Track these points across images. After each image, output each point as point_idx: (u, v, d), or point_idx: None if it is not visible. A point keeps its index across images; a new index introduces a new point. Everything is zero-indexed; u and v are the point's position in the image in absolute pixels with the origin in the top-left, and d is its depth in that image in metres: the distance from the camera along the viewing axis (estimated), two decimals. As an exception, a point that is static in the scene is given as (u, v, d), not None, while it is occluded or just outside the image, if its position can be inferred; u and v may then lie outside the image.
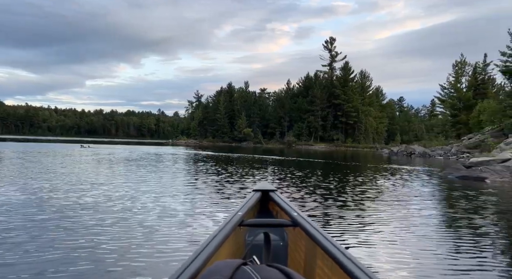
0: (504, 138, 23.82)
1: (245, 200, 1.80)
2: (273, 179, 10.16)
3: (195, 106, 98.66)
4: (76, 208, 5.30)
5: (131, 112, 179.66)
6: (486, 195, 7.98)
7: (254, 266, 0.76)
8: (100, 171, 11.04)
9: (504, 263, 3.45)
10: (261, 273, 0.72)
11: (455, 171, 11.38)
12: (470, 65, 49.87)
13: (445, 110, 49.80)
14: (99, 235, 3.90)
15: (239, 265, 0.75)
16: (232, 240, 1.49)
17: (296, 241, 1.71)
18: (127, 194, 6.69)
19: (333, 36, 74.12)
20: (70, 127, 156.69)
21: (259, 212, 1.96)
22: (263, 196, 1.93)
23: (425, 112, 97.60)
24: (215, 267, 0.76)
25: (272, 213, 1.95)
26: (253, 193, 1.90)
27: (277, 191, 1.93)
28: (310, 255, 1.51)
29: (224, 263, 0.77)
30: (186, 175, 10.91)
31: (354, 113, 68.11)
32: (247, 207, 1.66)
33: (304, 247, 1.60)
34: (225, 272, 0.71)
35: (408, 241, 4.08)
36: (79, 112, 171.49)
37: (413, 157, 29.65)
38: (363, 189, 8.49)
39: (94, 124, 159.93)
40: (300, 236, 1.62)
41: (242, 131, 75.42)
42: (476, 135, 32.01)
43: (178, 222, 4.61)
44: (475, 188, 9.20)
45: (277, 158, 22.89)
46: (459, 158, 25.02)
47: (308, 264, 1.54)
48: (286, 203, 1.73)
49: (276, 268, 0.77)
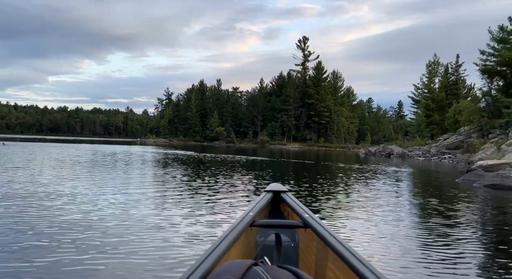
0: (486, 139, 23.49)
1: (257, 200, 1.77)
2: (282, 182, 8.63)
3: (165, 104, 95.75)
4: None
5: (98, 110, 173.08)
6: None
7: (265, 267, 0.75)
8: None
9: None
10: (271, 274, 0.71)
11: (477, 177, 9.73)
12: (442, 66, 50.47)
13: (419, 111, 50.07)
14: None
15: (250, 265, 0.74)
16: (243, 240, 1.51)
17: (307, 243, 1.70)
18: (79, 196, 5.00)
19: (306, 36, 73.66)
20: (31, 125, 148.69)
21: (271, 212, 1.92)
22: (275, 197, 1.88)
23: (392, 113, 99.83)
24: (226, 267, 0.76)
25: (284, 214, 1.92)
26: (265, 194, 1.86)
27: (288, 192, 1.87)
28: (321, 257, 1.51)
29: (235, 263, 0.77)
30: (139, 180, 9.19)
31: (326, 113, 68.27)
32: (259, 207, 1.65)
33: (315, 248, 1.60)
34: (236, 272, 0.71)
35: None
36: (41, 109, 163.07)
37: (392, 157, 28.95)
38: (387, 203, 6.77)
39: (57, 122, 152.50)
40: (311, 237, 1.62)
41: (215, 130, 73.52)
42: (452, 136, 31.86)
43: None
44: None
45: (258, 159, 21.37)
46: (441, 159, 24.44)
47: (319, 266, 1.54)
48: (297, 204, 1.70)
49: (287, 269, 0.77)
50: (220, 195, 6.87)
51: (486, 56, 28.50)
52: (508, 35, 27.75)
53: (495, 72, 28.23)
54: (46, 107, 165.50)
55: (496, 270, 3.21)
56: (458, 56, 49.81)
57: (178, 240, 3.69)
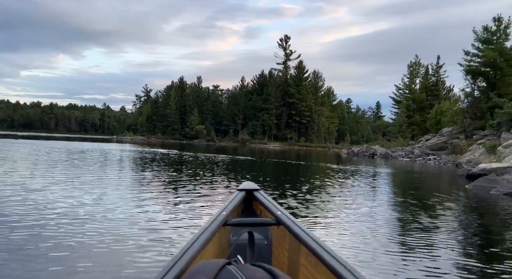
0: (469, 140, 23.28)
1: (229, 199, 1.75)
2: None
3: (143, 101, 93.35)
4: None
5: (73, 106, 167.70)
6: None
7: (238, 266, 0.75)
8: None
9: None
10: (245, 273, 0.71)
11: (491, 183, 8.71)
12: (423, 67, 50.82)
13: (400, 112, 50.22)
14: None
15: (223, 265, 0.74)
16: (216, 240, 1.51)
17: (280, 240, 1.70)
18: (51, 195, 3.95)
19: (287, 35, 73.20)
20: (2, 120, 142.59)
21: (243, 211, 1.90)
22: (247, 195, 1.87)
23: (370, 114, 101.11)
24: (199, 267, 0.75)
25: (256, 212, 1.90)
26: (237, 193, 1.85)
27: (261, 190, 1.86)
28: (294, 253, 1.51)
29: (208, 263, 0.77)
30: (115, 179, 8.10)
31: (307, 113, 68.17)
32: (231, 206, 1.64)
33: (288, 245, 1.60)
34: (209, 272, 0.71)
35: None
36: (13, 104, 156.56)
37: (376, 158, 28.51)
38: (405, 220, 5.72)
39: (30, 117, 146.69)
40: (284, 234, 1.62)
41: (194, 128, 71.99)
42: (434, 137, 31.78)
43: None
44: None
45: (238, 158, 20.35)
46: (426, 160, 24.08)
47: (292, 262, 1.55)
48: (270, 202, 1.70)
49: (260, 267, 0.77)
50: (194, 194, 6.39)
51: (470, 56, 28.46)
52: (492, 36, 27.77)
53: (479, 73, 28.20)
54: (18, 102, 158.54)
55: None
56: (439, 57, 50.35)
57: (150, 241, 3.49)
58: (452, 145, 24.01)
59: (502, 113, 18.92)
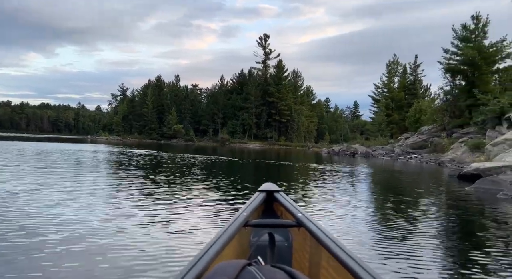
0: (449, 138, 23.29)
1: (250, 200, 1.73)
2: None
3: (119, 100, 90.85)
4: None
5: (46, 106, 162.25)
6: None
7: (258, 267, 0.76)
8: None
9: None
10: (265, 274, 0.71)
11: (494, 185, 8.08)
12: (401, 66, 51.29)
13: (379, 110, 50.51)
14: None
15: (244, 265, 0.75)
16: (237, 241, 1.50)
17: (301, 242, 1.68)
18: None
19: (267, 34, 72.82)
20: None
21: (264, 212, 1.88)
22: (268, 197, 1.84)
23: (348, 113, 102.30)
24: (220, 267, 0.76)
25: (277, 214, 1.88)
26: (258, 194, 1.82)
27: (281, 192, 1.83)
28: (315, 256, 1.49)
29: (228, 263, 0.77)
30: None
31: (287, 112, 68.14)
32: (252, 207, 1.63)
33: (308, 247, 1.58)
34: (230, 272, 0.71)
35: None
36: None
37: (357, 157, 28.27)
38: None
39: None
40: (304, 236, 1.61)
41: (172, 128, 70.49)
42: (413, 135, 31.86)
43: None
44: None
45: (218, 158, 19.56)
46: (408, 158, 23.95)
47: (312, 265, 1.53)
48: (290, 204, 1.68)
49: (280, 268, 0.77)
50: (182, 196, 5.53)
51: (449, 54, 28.58)
52: (470, 34, 27.97)
53: (458, 71, 28.36)
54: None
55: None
56: (417, 56, 50.85)
57: (171, 240, 3.47)
58: (433, 143, 23.99)
59: (487, 111, 18.87)
